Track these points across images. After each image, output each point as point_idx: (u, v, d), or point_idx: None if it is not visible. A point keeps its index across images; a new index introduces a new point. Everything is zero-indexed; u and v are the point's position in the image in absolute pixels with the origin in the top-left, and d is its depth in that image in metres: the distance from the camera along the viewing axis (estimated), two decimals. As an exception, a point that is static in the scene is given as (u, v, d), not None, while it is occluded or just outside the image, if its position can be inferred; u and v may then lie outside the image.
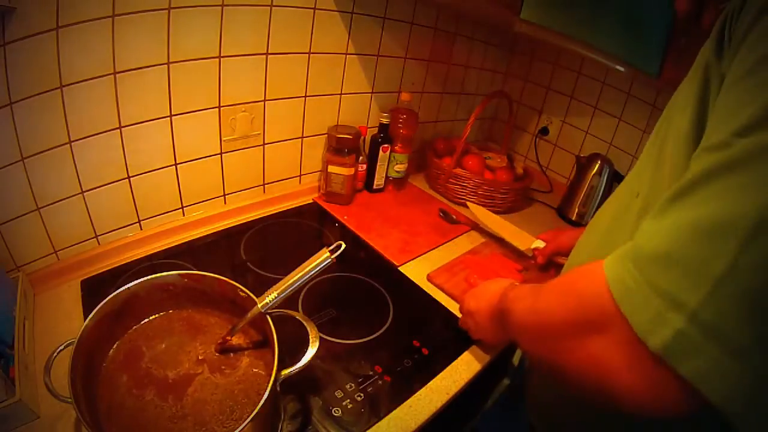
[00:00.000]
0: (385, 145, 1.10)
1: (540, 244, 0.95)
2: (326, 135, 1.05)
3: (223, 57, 0.79)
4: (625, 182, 0.57)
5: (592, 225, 0.65)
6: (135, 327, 0.57)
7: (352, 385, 0.64)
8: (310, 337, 0.53)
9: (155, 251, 0.83)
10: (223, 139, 0.87)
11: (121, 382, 0.51)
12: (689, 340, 0.29)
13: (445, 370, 0.69)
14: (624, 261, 0.33)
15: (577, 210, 1.24)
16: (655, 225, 0.33)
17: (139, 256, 0.81)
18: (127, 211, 0.80)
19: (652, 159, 0.49)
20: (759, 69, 0.30)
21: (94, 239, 0.78)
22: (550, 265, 0.94)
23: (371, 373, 0.66)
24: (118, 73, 0.68)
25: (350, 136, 1.00)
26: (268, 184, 1.01)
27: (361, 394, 0.62)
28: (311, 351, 0.51)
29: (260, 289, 0.55)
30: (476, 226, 1.10)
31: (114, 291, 0.53)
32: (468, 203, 1.12)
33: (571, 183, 1.27)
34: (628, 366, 0.33)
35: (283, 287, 0.53)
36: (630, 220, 0.51)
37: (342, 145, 1.00)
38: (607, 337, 0.34)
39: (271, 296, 0.53)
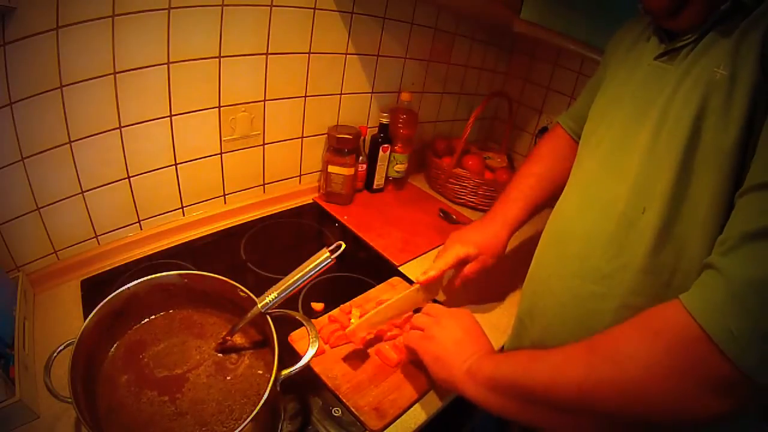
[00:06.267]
0: (385, 145, 1.10)
1: (432, 272, 0.71)
2: (326, 135, 1.05)
3: (223, 57, 0.79)
4: (611, 195, 0.54)
5: (562, 239, 0.62)
6: (135, 327, 0.57)
7: (352, 385, 0.63)
8: (310, 337, 0.53)
9: (155, 251, 0.83)
10: (223, 139, 0.87)
11: (121, 382, 0.51)
12: None
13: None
14: (721, 310, 0.35)
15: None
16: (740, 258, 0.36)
17: (139, 256, 0.81)
18: (127, 211, 0.80)
19: (663, 175, 0.48)
20: None
21: (94, 239, 0.78)
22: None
23: (371, 373, 0.66)
24: (118, 73, 0.68)
25: (350, 136, 1.00)
26: (268, 184, 1.01)
27: (361, 394, 0.62)
28: (311, 351, 0.51)
29: (260, 289, 0.55)
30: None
31: (114, 291, 0.53)
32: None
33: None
34: (723, 393, 0.36)
35: (283, 287, 0.54)
36: (639, 237, 0.50)
37: (342, 145, 1.00)
38: (704, 380, 0.36)
39: (271, 296, 0.53)
